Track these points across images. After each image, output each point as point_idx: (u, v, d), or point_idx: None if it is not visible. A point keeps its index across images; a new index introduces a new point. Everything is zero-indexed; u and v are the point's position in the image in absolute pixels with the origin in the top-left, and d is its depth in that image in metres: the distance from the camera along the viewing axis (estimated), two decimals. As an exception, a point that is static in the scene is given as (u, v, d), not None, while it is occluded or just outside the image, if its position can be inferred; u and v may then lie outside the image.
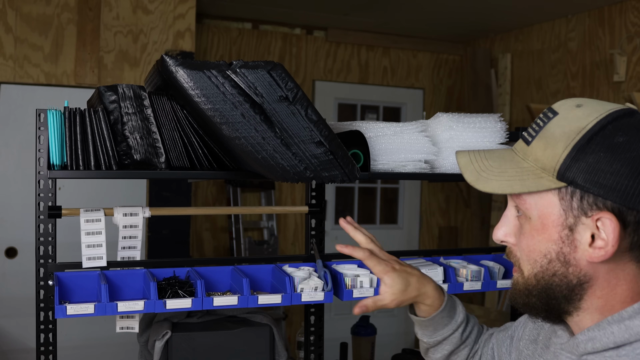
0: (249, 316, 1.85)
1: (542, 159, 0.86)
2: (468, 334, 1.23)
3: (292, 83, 1.41)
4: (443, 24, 4.65)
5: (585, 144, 0.83)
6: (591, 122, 0.84)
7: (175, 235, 3.65)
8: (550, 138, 0.86)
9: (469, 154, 0.95)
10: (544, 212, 0.87)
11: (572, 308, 0.89)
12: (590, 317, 0.89)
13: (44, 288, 1.58)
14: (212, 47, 4.53)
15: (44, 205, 1.57)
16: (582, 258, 0.85)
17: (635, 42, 3.79)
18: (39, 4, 3.39)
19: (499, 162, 0.91)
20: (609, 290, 0.87)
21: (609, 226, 0.82)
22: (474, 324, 1.25)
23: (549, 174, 0.85)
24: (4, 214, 3.43)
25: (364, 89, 5.00)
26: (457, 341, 1.22)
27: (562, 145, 0.84)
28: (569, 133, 0.84)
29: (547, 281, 0.88)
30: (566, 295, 0.88)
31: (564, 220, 0.86)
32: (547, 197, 0.86)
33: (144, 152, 1.52)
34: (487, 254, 2.02)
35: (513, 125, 4.63)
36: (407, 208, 5.18)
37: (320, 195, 1.92)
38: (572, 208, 0.85)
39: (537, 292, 0.90)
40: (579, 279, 0.87)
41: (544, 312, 0.91)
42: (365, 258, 1.15)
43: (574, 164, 0.83)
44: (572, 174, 0.83)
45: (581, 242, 0.85)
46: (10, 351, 3.38)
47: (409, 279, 1.16)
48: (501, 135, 1.81)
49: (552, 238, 0.87)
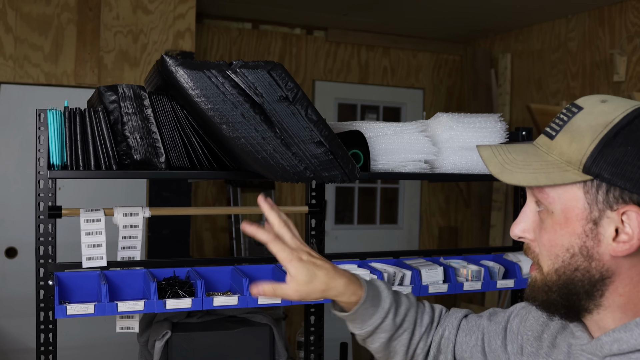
0: (249, 316, 1.85)
1: (567, 152, 0.86)
2: (403, 318, 1.18)
3: (292, 83, 1.41)
4: (443, 24, 4.65)
5: (612, 138, 0.83)
6: (618, 116, 0.84)
7: (175, 235, 3.65)
8: (576, 132, 0.86)
9: (491, 148, 0.94)
10: (567, 206, 0.86)
11: (592, 305, 0.88)
12: (611, 315, 0.88)
13: (44, 288, 1.58)
14: (212, 47, 4.53)
15: (44, 205, 1.57)
16: (605, 252, 0.85)
17: (635, 42, 3.79)
18: (39, 4, 3.39)
19: (523, 156, 0.91)
20: (632, 288, 0.86)
21: (635, 220, 0.82)
22: (409, 306, 1.20)
23: (575, 168, 0.85)
24: (4, 214, 3.43)
25: (364, 89, 5.00)
26: (391, 327, 1.17)
27: (588, 138, 0.84)
28: (595, 127, 0.84)
29: (568, 276, 0.88)
30: (588, 290, 0.87)
31: (588, 214, 0.85)
32: (571, 190, 0.86)
33: (144, 152, 1.52)
34: (487, 254, 2.02)
35: (513, 125, 4.63)
36: (407, 208, 5.18)
37: (320, 195, 1.92)
38: (597, 202, 0.84)
39: (558, 288, 0.89)
40: (601, 274, 0.86)
41: (564, 308, 0.90)
42: (269, 241, 1.09)
43: (601, 157, 0.83)
44: (599, 167, 0.83)
45: (605, 235, 0.84)
46: (10, 351, 3.38)
47: (316, 271, 1.09)
48: (501, 135, 1.81)
49: (576, 232, 0.86)
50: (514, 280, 1.85)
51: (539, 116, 3.80)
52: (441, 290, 1.77)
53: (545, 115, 3.82)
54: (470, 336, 1.18)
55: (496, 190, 4.70)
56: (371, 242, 4.93)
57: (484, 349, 1.15)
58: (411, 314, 1.21)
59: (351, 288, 1.13)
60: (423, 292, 1.75)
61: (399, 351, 1.20)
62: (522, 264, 1.87)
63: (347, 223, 5.06)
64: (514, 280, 1.85)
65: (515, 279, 1.86)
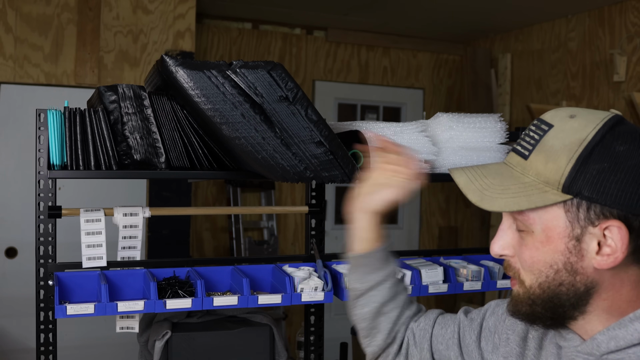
0: (249, 316, 1.85)
1: (544, 172, 0.86)
2: (398, 291, 1.22)
3: (292, 83, 1.41)
4: (443, 24, 4.65)
5: (587, 156, 0.84)
6: (590, 133, 0.85)
7: (175, 235, 3.65)
8: (551, 151, 0.86)
9: (464, 172, 0.95)
10: (548, 226, 0.87)
11: (577, 313, 0.89)
12: (597, 318, 0.89)
13: (44, 288, 1.58)
14: (212, 47, 4.53)
15: (44, 205, 1.57)
16: (589, 266, 0.86)
17: (635, 42, 3.79)
18: (39, 4, 3.39)
19: (499, 179, 0.91)
20: (614, 292, 0.88)
21: (618, 234, 0.83)
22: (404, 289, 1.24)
23: (554, 188, 0.85)
24: (4, 214, 3.43)
25: (364, 89, 5.00)
26: (387, 293, 1.20)
27: (564, 158, 0.85)
28: (569, 145, 0.85)
29: (553, 290, 0.88)
30: (573, 302, 0.88)
31: (570, 232, 0.86)
32: (551, 210, 0.86)
33: (144, 152, 1.52)
34: (487, 254, 2.02)
35: (513, 125, 4.63)
36: (407, 208, 5.18)
37: (320, 195, 1.92)
38: (578, 219, 0.85)
39: (542, 302, 0.89)
40: (586, 286, 0.87)
41: (549, 320, 0.91)
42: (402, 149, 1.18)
43: (579, 176, 0.84)
44: (578, 186, 0.84)
45: (588, 250, 0.85)
46: (10, 351, 3.38)
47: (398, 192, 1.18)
48: (501, 135, 1.81)
49: (559, 249, 0.87)
50: (514, 280, 1.85)
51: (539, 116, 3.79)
52: (441, 290, 1.77)
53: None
54: (445, 329, 1.19)
55: (496, 190, 4.69)
56: (371, 242, 4.92)
57: (460, 342, 1.16)
58: (405, 295, 1.24)
59: (382, 231, 1.21)
60: (423, 292, 1.75)
61: (382, 329, 1.22)
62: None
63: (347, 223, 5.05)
64: (514, 280, 1.85)
65: (515, 279, 1.85)
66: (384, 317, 1.21)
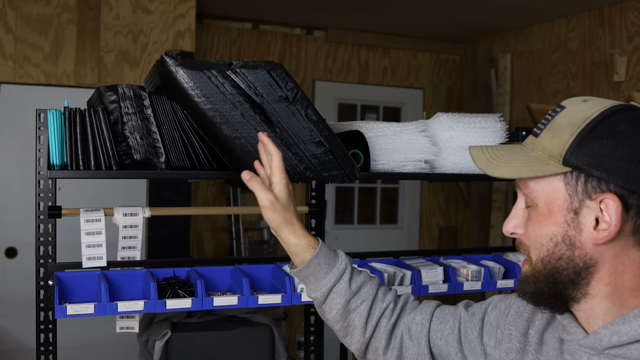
0: (249, 316, 1.85)
1: (549, 147, 0.91)
2: (359, 286, 1.22)
3: (292, 83, 1.41)
4: (443, 24, 4.65)
5: (589, 132, 0.88)
6: (595, 112, 0.89)
7: (175, 235, 3.65)
8: (557, 128, 0.92)
9: (481, 147, 1.00)
10: (550, 198, 0.91)
11: (580, 294, 0.91)
12: (599, 305, 0.91)
13: (44, 288, 1.58)
14: (212, 47, 4.53)
15: (44, 205, 1.57)
16: (587, 241, 0.89)
17: (635, 42, 3.79)
18: (39, 4, 3.39)
19: (509, 153, 0.97)
20: (617, 277, 0.90)
21: (612, 207, 0.86)
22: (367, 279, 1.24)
23: (555, 160, 0.90)
24: (4, 214, 3.43)
25: (364, 89, 5.00)
26: (346, 291, 1.21)
27: (567, 133, 0.90)
28: (574, 122, 0.90)
29: (553, 265, 0.92)
30: (573, 279, 0.91)
31: (569, 204, 0.90)
32: (553, 183, 0.91)
33: (144, 152, 1.52)
34: (487, 254, 2.02)
35: (513, 125, 4.63)
36: (407, 208, 5.18)
37: (320, 195, 1.92)
38: (577, 192, 0.89)
39: (544, 277, 0.93)
40: (585, 262, 0.90)
41: (551, 298, 0.93)
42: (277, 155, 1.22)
43: (579, 149, 0.88)
44: (577, 159, 0.88)
45: (586, 225, 0.89)
46: (10, 351, 3.38)
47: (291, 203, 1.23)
48: (501, 135, 1.81)
49: (558, 222, 0.91)
50: (514, 280, 1.85)
51: (539, 116, 3.80)
52: (441, 290, 1.77)
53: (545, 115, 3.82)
54: (445, 324, 1.19)
55: (496, 191, 4.70)
56: (371, 242, 4.93)
57: (460, 337, 1.16)
58: (370, 286, 1.24)
59: (308, 239, 1.22)
60: (423, 292, 1.75)
61: (357, 325, 1.22)
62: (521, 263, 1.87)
63: (347, 223, 5.06)
64: (514, 280, 1.85)
65: (515, 279, 1.86)
66: (353, 313, 1.22)
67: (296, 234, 1.22)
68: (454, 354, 1.15)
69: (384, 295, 1.25)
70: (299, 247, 1.23)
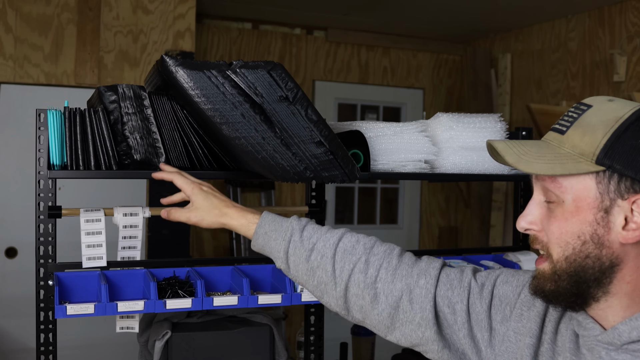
0: (249, 316, 1.85)
1: (580, 145, 0.91)
2: (315, 242, 1.20)
3: (292, 83, 1.41)
4: (443, 24, 4.65)
5: (623, 131, 0.88)
6: (627, 112, 0.90)
7: (175, 235, 3.65)
8: (588, 126, 0.91)
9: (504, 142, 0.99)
10: (579, 196, 0.91)
11: (601, 292, 0.91)
12: (619, 302, 0.91)
13: (44, 288, 1.58)
14: (212, 47, 4.53)
15: (44, 205, 1.57)
16: (615, 240, 0.89)
17: (635, 42, 3.79)
18: (39, 4, 3.39)
19: (536, 148, 0.95)
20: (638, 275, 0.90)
21: None
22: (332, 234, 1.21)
23: (588, 159, 0.90)
24: (4, 214, 3.43)
25: (364, 89, 5.00)
26: (301, 251, 1.20)
27: (601, 132, 0.89)
28: (606, 121, 0.90)
29: (579, 263, 0.91)
30: (598, 277, 0.90)
31: (599, 203, 0.90)
32: (584, 180, 0.90)
33: (144, 152, 1.52)
34: (487, 254, 2.02)
35: (513, 125, 4.63)
36: (407, 208, 5.18)
37: (320, 195, 1.92)
38: (609, 191, 0.89)
39: (568, 276, 0.92)
40: (611, 261, 0.90)
41: (572, 296, 0.92)
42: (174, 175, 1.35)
43: (613, 149, 0.88)
44: (611, 159, 0.88)
45: (615, 224, 0.89)
46: (10, 351, 3.38)
47: (213, 199, 1.30)
48: (501, 135, 1.81)
49: (587, 220, 0.90)
50: (514, 280, 1.85)
51: (539, 116, 3.80)
52: (441, 290, 1.77)
53: (545, 115, 3.82)
54: (453, 290, 1.12)
55: (496, 190, 4.70)
56: (371, 242, 4.92)
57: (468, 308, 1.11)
58: (328, 240, 1.20)
59: (248, 217, 1.27)
60: (423, 292, 1.75)
61: (326, 281, 1.18)
62: (522, 264, 1.87)
63: (347, 223, 5.06)
64: (514, 280, 1.85)
65: (515, 279, 1.85)
66: (318, 270, 1.19)
67: (234, 217, 1.28)
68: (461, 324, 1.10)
69: (359, 249, 1.18)
70: (243, 227, 1.29)
